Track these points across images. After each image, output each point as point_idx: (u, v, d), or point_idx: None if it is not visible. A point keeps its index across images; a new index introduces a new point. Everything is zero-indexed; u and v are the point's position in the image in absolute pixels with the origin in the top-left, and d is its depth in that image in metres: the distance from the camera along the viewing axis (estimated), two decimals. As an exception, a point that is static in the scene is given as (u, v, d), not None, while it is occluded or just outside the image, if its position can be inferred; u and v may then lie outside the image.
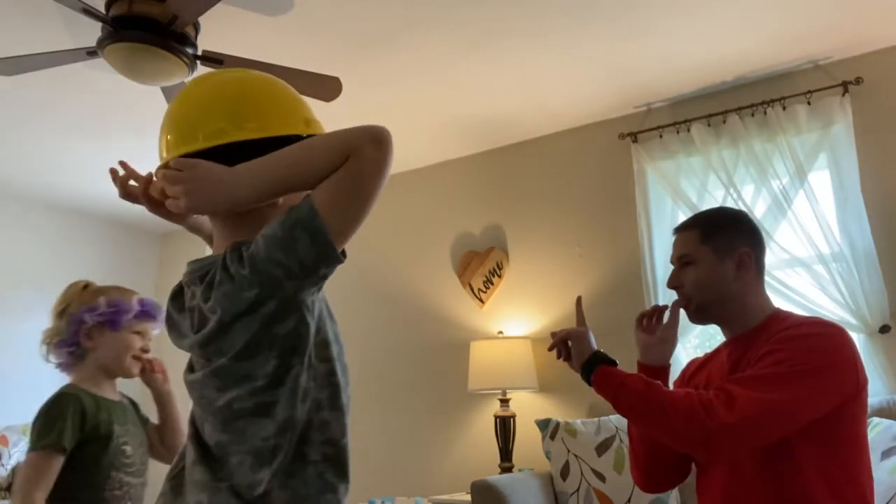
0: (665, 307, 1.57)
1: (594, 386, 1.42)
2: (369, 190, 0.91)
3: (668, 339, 1.54)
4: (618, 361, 1.44)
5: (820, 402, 1.27)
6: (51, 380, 1.79)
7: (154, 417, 1.86)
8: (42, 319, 1.77)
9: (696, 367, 1.61)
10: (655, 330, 1.56)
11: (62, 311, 1.72)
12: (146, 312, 1.77)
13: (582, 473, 2.68)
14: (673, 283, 1.54)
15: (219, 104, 1.02)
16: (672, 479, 1.55)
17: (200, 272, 1.00)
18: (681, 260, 1.53)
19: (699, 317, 1.52)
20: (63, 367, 1.74)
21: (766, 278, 2.78)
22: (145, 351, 1.77)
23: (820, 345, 1.31)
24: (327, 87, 2.70)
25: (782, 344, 1.33)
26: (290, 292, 0.91)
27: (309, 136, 1.02)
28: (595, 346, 1.48)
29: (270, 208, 1.02)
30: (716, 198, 3.07)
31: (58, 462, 1.56)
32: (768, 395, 1.24)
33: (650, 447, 1.51)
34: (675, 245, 1.56)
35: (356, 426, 1.51)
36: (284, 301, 0.92)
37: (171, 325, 1.08)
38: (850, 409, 1.30)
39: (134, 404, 1.84)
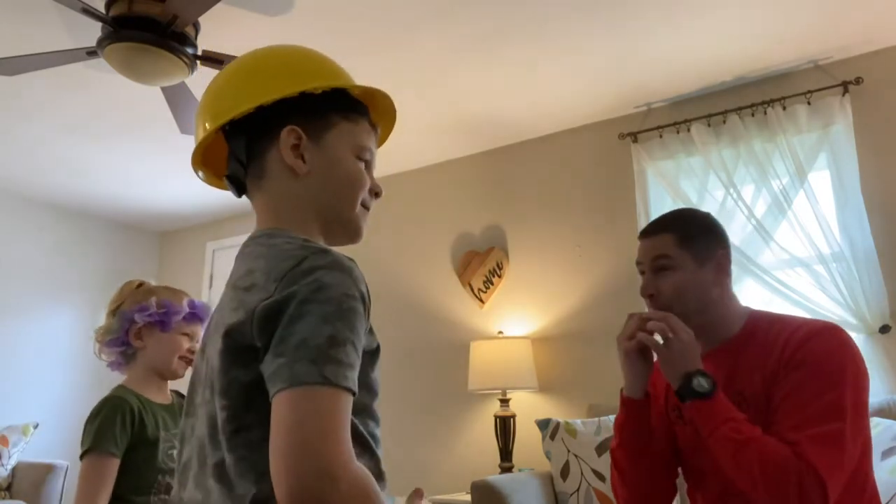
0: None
1: (691, 408, 1.29)
2: None
3: (651, 370, 1.43)
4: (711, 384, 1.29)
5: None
6: (52, 380, 1.79)
7: None
8: (42, 319, 1.76)
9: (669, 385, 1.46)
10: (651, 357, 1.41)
11: (115, 310, 1.71)
12: (195, 314, 1.75)
13: (582, 473, 2.68)
14: (649, 291, 1.40)
15: (230, 82, 0.99)
16: None
17: None
18: (656, 262, 1.40)
19: None
20: (114, 365, 1.74)
21: (766, 278, 2.83)
22: (193, 353, 1.74)
23: (850, 358, 1.28)
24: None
25: (816, 370, 1.25)
26: None
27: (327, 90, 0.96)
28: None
29: None
30: (716, 198, 3.07)
31: (113, 466, 1.56)
32: (846, 453, 1.20)
33: (641, 485, 1.44)
34: (647, 248, 1.43)
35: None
36: None
37: None
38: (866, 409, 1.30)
39: None
